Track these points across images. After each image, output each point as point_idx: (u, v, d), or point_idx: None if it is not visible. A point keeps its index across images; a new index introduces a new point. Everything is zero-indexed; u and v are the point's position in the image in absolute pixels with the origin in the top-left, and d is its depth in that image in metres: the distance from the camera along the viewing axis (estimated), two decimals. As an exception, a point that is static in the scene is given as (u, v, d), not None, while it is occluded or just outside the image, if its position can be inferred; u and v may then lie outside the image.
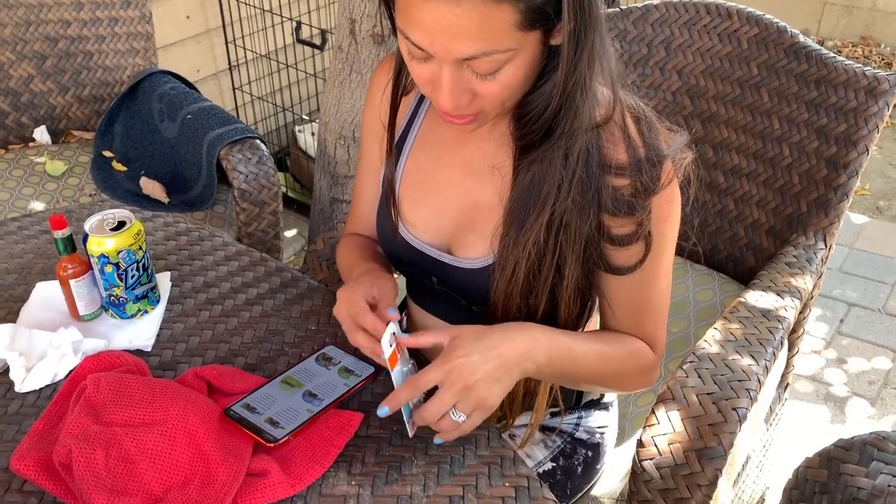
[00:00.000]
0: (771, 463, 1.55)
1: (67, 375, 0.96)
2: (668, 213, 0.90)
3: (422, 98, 1.00)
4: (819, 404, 2.04)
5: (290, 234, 2.74)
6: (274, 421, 0.87)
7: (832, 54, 1.33)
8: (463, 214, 0.96)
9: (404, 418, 0.84)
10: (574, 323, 0.95)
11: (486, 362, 0.81)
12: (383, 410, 0.82)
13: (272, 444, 0.84)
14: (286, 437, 0.85)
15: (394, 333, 0.86)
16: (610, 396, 1.17)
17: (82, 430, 0.83)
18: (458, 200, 0.97)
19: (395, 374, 0.84)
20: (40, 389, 0.95)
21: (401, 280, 1.15)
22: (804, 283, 1.25)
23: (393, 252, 1.03)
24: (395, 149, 1.01)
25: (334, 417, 0.89)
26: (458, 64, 0.78)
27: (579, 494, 1.15)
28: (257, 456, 0.83)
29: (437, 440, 0.83)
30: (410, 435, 0.85)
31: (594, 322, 1.09)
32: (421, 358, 1.01)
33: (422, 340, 0.86)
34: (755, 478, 1.44)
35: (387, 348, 0.83)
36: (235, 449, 0.83)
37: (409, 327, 1.18)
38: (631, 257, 0.90)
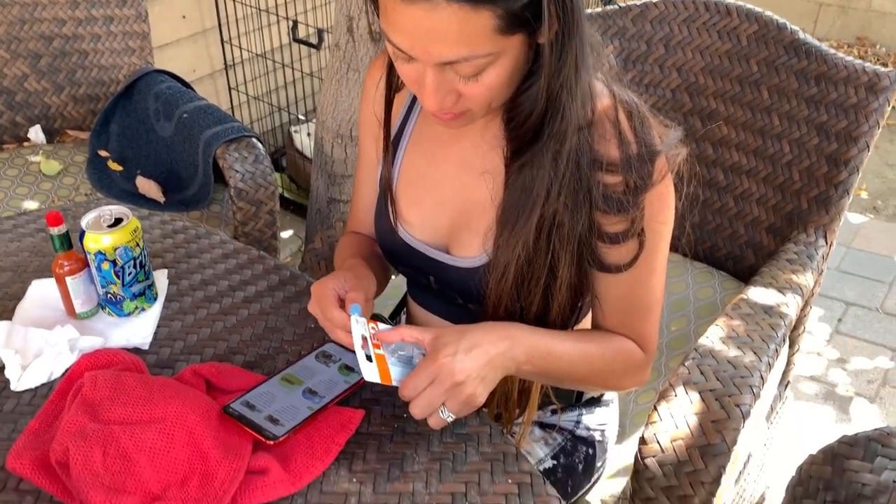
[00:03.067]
0: (771, 462, 1.54)
1: (64, 374, 0.95)
2: (662, 209, 0.89)
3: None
4: (818, 403, 2.04)
5: (286, 234, 2.73)
6: (274, 418, 0.86)
7: (832, 51, 1.33)
8: (458, 212, 0.96)
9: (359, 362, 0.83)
10: (565, 322, 0.94)
11: (472, 360, 0.80)
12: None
13: (272, 442, 0.83)
14: (286, 435, 0.84)
15: (373, 329, 0.85)
16: (610, 394, 1.16)
17: (79, 428, 0.81)
18: (453, 198, 0.96)
19: (368, 370, 0.82)
20: (36, 388, 0.94)
21: (401, 279, 1.14)
22: (805, 279, 1.25)
23: (391, 251, 1.03)
24: (390, 147, 1.00)
25: (335, 414, 0.88)
26: (441, 66, 0.78)
27: (581, 492, 1.15)
28: (257, 454, 0.82)
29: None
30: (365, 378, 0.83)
31: (588, 321, 1.09)
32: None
33: (404, 333, 0.85)
34: (756, 476, 1.44)
35: (357, 340, 0.83)
36: (235, 447, 0.82)
37: (408, 323, 1.17)
38: (624, 255, 0.89)
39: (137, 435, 0.81)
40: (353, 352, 0.97)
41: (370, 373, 0.81)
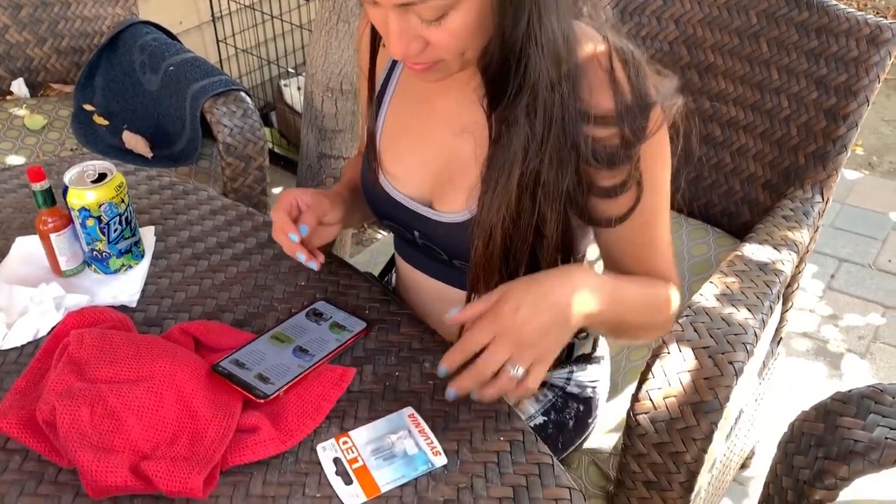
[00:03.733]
0: (761, 418, 1.55)
1: (50, 332, 0.94)
2: (658, 154, 0.87)
3: None
4: (809, 359, 2.05)
5: (276, 191, 2.70)
6: (264, 377, 0.85)
7: (833, 2, 1.30)
8: (442, 167, 0.94)
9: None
10: None
11: (538, 314, 0.76)
12: (442, 370, 0.78)
13: (262, 401, 0.82)
14: (277, 393, 0.83)
15: (345, 442, 0.80)
16: (601, 350, 1.16)
17: (66, 387, 0.80)
18: (437, 153, 0.94)
19: (348, 497, 0.75)
20: (22, 346, 0.93)
21: (390, 236, 1.13)
22: (801, 236, 1.24)
23: (375, 204, 1.01)
24: (375, 99, 0.98)
25: (326, 373, 0.87)
26: (402, 9, 0.75)
27: (571, 448, 1.15)
28: (247, 412, 0.82)
29: (451, 393, 0.78)
30: (450, 397, 0.79)
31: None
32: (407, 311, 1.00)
33: (469, 313, 0.80)
34: (746, 432, 1.45)
35: (328, 468, 0.77)
36: (225, 405, 0.81)
37: (397, 282, 1.16)
38: (622, 206, 0.87)
39: (125, 393, 0.80)
40: (346, 310, 0.97)
41: (350, 499, 0.75)
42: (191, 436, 0.79)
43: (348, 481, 0.76)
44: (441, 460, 0.78)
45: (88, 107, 1.98)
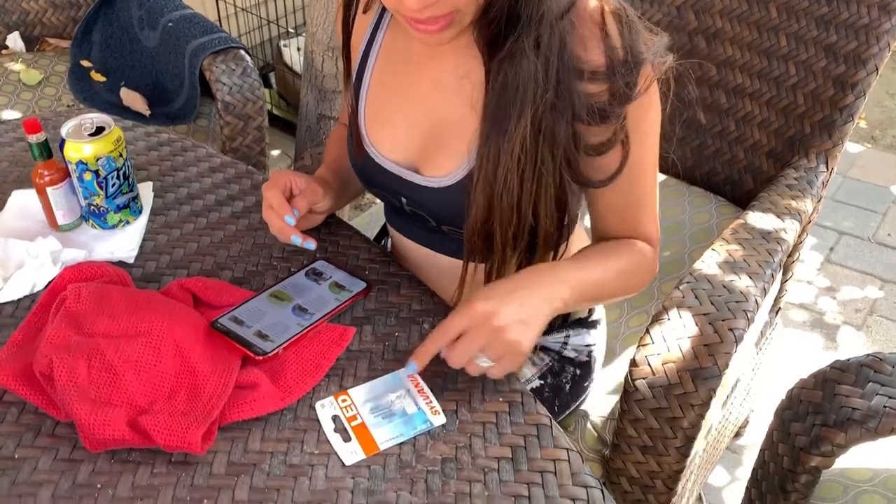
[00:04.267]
0: (757, 387, 1.56)
1: (46, 286, 0.93)
2: (647, 112, 0.86)
3: (382, 12, 0.94)
4: (805, 330, 2.05)
5: (275, 153, 2.68)
6: (263, 334, 0.85)
7: (846, -33, 1.27)
8: (430, 132, 0.92)
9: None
10: (556, 242, 0.91)
11: (507, 304, 0.78)
12: (412, 367, 0.80)
13: (261, 358, 0.82)
14: (276, 351, 0.83)
15: (344, 400, 0.80)
16: (598, 314, 1.16)
17: (63, 341, 0.80)
18: (424, 118, 0.92)
19: (346, 454, 0.76)
20: (18, 300, 0.92)
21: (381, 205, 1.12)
22: (804, 205, 1.23)
23: (361, 171, 1.00)
24: (357, 67, 0.96)
25: (326, 332, 0.87)
26: None
27: (567, 412, 1.15)
28: (246, 369, 0.81)
29: (412, 366, 0.80)
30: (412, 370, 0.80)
31: (581, 238, 1.06)
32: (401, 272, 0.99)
33: (426, 353, 0.80)
34: (742, 401, 1.45)
35: (327, 426, 0.78)
36: (223, 361, 0.81)
37: (392, 247, 1.16)
38: (611, 164, 0.87)
39: (123, 348, 0.79)
40: (345, 270, 0.96)
41: (348, 456, 0.75)
42: (189, 391, 0.78)
43: (347, 438, 0.76)
44: (440, 420, 0.78)
45: (85, 63, 1.95)
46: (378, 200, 2.44)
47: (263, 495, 0.71)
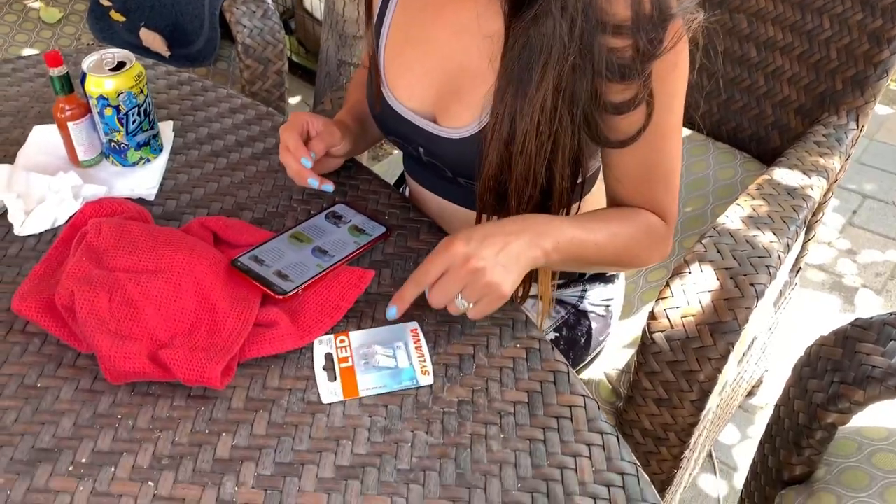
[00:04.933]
0: (773, 347, 1.55)
1: (68, 221, 0.93)
2: (673, 72, 0.82)
3: None
4: (824, 292, 2.04)
5: (293, 101, 2.66)
6: (283, 274, 0.85)
7: (889, -84, 1.23)
8: (448, 79, 0.90)
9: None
10: (568, 200, 0.89)
11: (487, 247, 0.77)
12: (391, 312, 0.80)
13: (281, 297, 0.82)
14: (295, 291, 0.83)
15: (342, 341, 0.80)
16: (617, 269, 1.15)
17: (84, 274, 0.80)
18: (443, 64, 0.90)
19: (326, 392, 0.76)
20: (40, 234, 0.92)
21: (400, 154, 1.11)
22: (832, 163, 1.21)
23: (380, 118, 0.99)
24: (378, 11, 0.94)
25: (345, 274, 0.86)
26: None
27: (581, 365, 1.16)
28: (265, 307, 0.81)
29: (392, 311, 0.80)
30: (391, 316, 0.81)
31: (599, 199, 1.05)
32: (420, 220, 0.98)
33: (405, 298, 0.80)
34: (757, 360, 1.45)
35: (319, 361, 0.78)
36: (243, 299, 0.81)
37: (409, 195, 1.15)
38: (633, 124, 0.83)
39: (143, 283, 0.80)
40: (365, 214, 0.96)
41: (328, 395, 0.75)
42: (209, 327, 0.79)
43: (332, 378, 0.77)
44: (427, 380, 0.77)
45: (105, 2, 1.93)
46: (396, 150, 2.43)
47: (281, 430, 0.72)
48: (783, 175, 1.16)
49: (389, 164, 1.54)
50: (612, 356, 1.19)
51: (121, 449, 0.70)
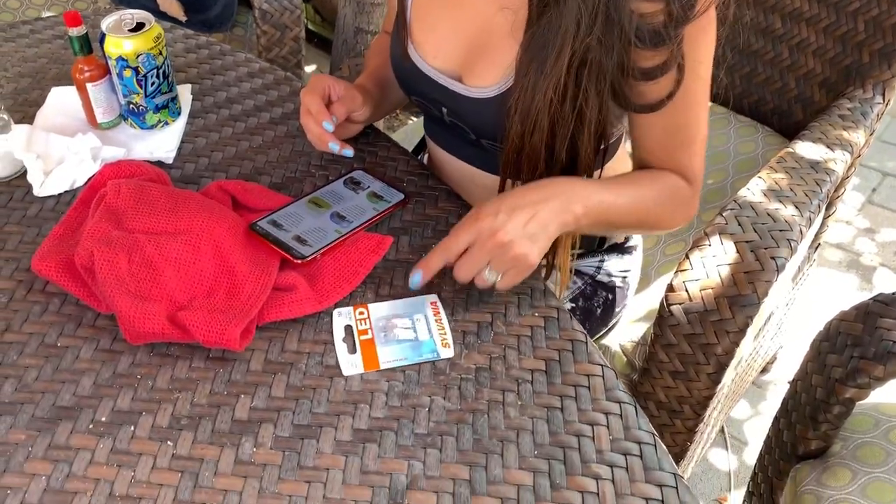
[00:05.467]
0: (789, 323, 1.54)
1: (87, 182, 0.93)
2: (702, 37, 0.81)
3: None
4: (841, 271, 2.02)
5: (309, 69, 2.64)
6: (301, 239, 0.84)
7: None
8: (475, 38, 0.89)
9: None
10: (591, 164, 0.88)
11: (514, 219, 0.76)
12: (416, 279, 0.79)
13: (299, 261, 0.82)
14: (314, 255, 0.83)
15: (361, 313, 0.79)
16: (634, 240, 1.14)
17: (103, 235, 0.80)
18: (471, 22, 0.89)
19: (347, 364, 0.75)
20: (59, 195, 0.93)
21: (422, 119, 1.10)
22: (856, 137, 1.19)
23: (403, 78, 0.98)
24: None
25: (363, 240, 0.86)
26: None
27: (597, 336, 1.15)
28: (284, 272, 0.81)
29: (416, 279, 0.79)
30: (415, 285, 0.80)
31: (623, 163, 1.04)
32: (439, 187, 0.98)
33: (431, 266, 0.79)
34: (773, 335, 1.44)
35: (339, 333, 0.77)
36: (262, 263, 0.81)
37: (429, 162, 1.14)
38: (662, 90, 0.82)
39: (163, 245, 0.80)
40: (384, 181, 0.95)
41: (348, 366, 0.75)
42: (228, 290, 0.79)
43: (352, 350, 0.77)
44: (448, 352, 0.77)
45: (121, -35, 1.91)
46: (412, 119, 2.41)
47: (299, 393, 0.72)
48: (806, 148, 1.14)
49: (405, 133, 1.53)
50: (626, 329, 1.18)
51: (140, 409, 0.70)
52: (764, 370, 1.74)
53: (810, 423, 0.96)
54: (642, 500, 0.66)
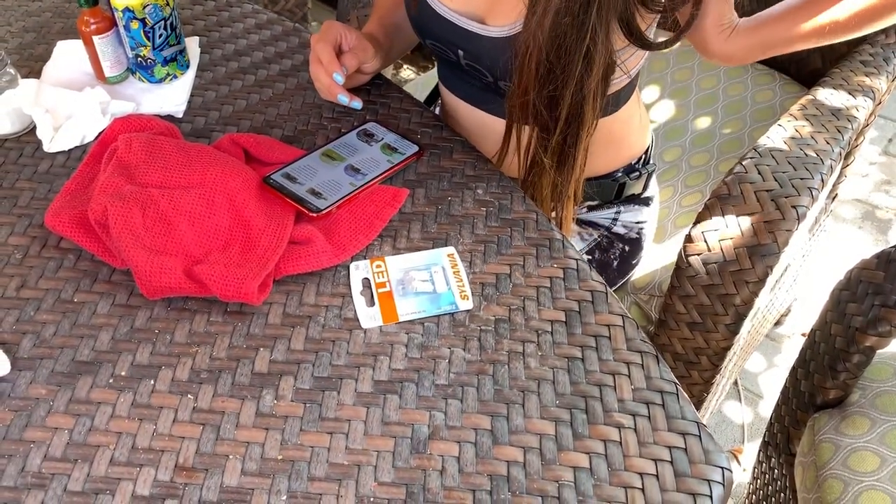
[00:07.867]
0: (804, 276, 1.53)
1: (97, 137, 0.92)
2: None
3: None
4: (855, 224, 2.00)
5: (314, 24, 2.60)
6: (316, 192, 0.83)
7: None
8: None
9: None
10: (597, 111, 0.86)
11: None
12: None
13: (315, 215, 0.81)
14: (329, 209, 0.82)
15: (378, 266, 0.79)
16: (651, 191, 1.12)
17: (116, 189, 0.79)
18: None
19: (366, 318, 0.75)
20: (70, 150, 0.91)
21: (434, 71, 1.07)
22: (879, 83, 1.16)
23: (418, 23, 0.95)
24: None
25: (379, 192, 0.85)
26: None
27: (613, 288, 1.14)
28: (300, 225, 0.80)
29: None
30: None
31: (628, 115, 1.01)
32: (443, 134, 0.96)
33: None
34: (788, 287, 1.43)
35: (356, 286, 0.76)
36: (277, 216, 0.80)
37: (441, 112, 1.12)
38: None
39: (176, 199, 0.79)
40: (397, 133, 0.93)
41: (367, 319, 0.74)
42: (243, 243, 0.78)
43: (370, 303, 0.76)
44: (466, 304, 0.76)
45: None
46: (419, 75, 2.38)
47: (319, 346, 0.72)
48: (827, 95, 1.12)
49: (416, 85, 1.50)
50: (643, 280, 1.17)
51: (159, 363, 0.70)
52: (778, 323, 1.73)
53: (829, 372, 0.95)
54: (665, 448, 0.66)
